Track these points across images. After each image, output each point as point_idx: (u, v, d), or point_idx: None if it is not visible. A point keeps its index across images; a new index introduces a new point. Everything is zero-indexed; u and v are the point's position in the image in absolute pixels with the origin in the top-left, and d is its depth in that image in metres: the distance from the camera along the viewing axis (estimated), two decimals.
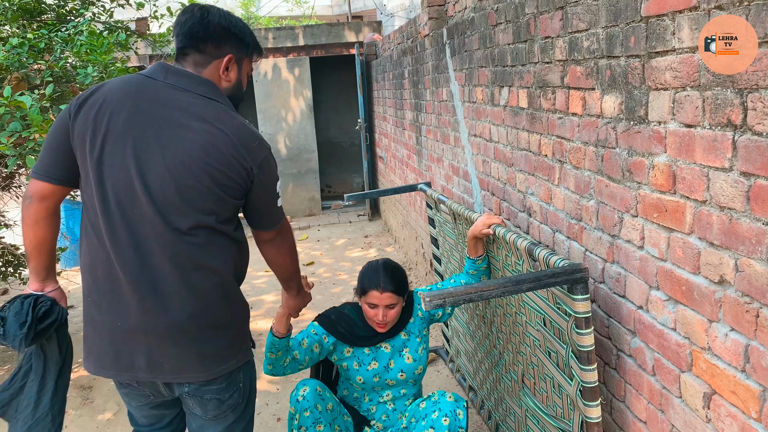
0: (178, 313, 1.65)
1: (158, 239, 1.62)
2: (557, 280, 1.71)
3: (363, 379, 2.40)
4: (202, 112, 1.65)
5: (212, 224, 1.66)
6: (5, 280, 4.34)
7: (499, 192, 2.74)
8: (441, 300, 1.70)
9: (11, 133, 2.32)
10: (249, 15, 15.58)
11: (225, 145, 1.63)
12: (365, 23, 8.41)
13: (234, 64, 1.76)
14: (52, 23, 3.74)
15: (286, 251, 1.95)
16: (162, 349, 1.68)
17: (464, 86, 3.18)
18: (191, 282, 1.66)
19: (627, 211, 1.70)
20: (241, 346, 1.82)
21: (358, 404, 2.47)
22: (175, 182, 1.60)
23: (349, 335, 2.38)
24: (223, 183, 1.65)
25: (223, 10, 1.78)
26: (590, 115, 1.85)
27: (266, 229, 1.85)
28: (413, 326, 2.46)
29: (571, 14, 1.91)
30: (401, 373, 2.40)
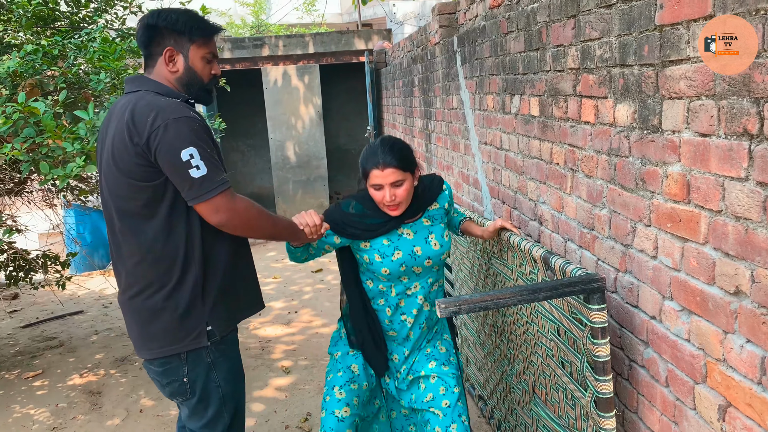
0: (123, 292, 1.87)
1: (112, 243, 1.85)
2: (574, 290, 1.70)
3: (389, 270, 2.20)
4: (123, 108, 1.74)
5: (133, 212, 1.75)
6: (16, 284, 4.36)
7: (509, 200, 2.73)
8: (456, 307, 1.69)
9: (25, 138, 2.33)
10: (259, 22, 15.66)
11: (121, 131, 1.69)
12: (375, 31, 8.43)
13: (176, 53, 1.82)
14: (65, 30, 3.78)
15: (240, 230, 1.79)
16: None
17: (475, 94, 3.18)
18: (129, 266, 1.82)
19: (640, 220, 1.69)
20: (180, 334, 1.82)
21: (385, 296, 2.25)
22: (107, 182, 1.78)
23: (361, 232, 2.19)
24: (125, 168, 1.70)
25: (161, 10, 1.84)
26: (603, 123, 1.84)
27: (192, 202, 1.70)
28: (436, 213, 2.27)
29: (584, 23, 1.90)
30: (428, 259, 2.20)
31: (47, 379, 4.01)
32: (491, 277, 2.59)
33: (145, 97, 1.72)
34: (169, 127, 1.64)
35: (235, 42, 8.22)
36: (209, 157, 1.69)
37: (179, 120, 1.65)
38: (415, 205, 2.21)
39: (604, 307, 1.72)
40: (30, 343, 4.78)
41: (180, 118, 1.66)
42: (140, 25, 1.83)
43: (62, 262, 4.36)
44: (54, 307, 5.75)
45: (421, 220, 2.23)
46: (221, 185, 1.70)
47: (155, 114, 1.65)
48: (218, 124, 4.08)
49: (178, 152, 1.64)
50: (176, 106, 1.70)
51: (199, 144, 1.66)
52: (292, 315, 5.05)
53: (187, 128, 1.66)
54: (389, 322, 2.27)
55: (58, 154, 2.36)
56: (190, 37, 1.82)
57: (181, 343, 1.83)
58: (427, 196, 2.25)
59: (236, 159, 10.28)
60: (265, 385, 3.72)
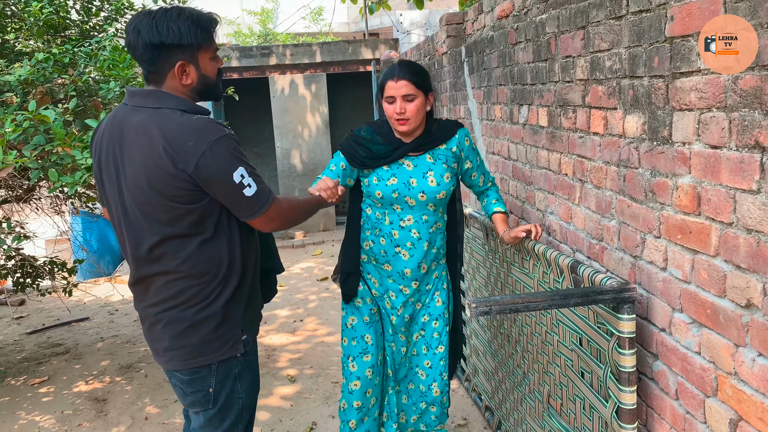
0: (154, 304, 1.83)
1: (134, 259, 1.79)
2: (605, 298, 1.69)
3: (381, 194, 2.31)
4: (146, 126, 1.67)
5: (176, 233, 1.72)
6: (23, 291, 4.38)
7: (517, 210, 2.72)
8: (487, 307, 1.69)
9: (35, 146, 2.35)
10: (267, 31, 15.74)
11: (158, 156, 1.63)
12: (382, 40, 8.47)
13: (189, 65, 1.73)
14: (75, 38, 3.80)
15: (285, 226, 1.90)
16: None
17: (482, 104, 3.18)
18: (162, 282, 1.78)
19: (650, 231, 1.68)
20: (216, 343, 1.82)
21: (380, 225, 2.36)
22: (136, 204, 1.71)
23: (369, 160, 2.31)
24: (168, 193, 1.66)
25: (154, 19, 1.69)
26: (612, 134, 1.84)
27: (245, 219, 1.76)
28: (442, 153, 2.34)
29: (593, 34, 1.91)
30: (422, 193, 2.28)
31: (53, 385, 4.01)
32: (509, 285, 2.57)
33: (173, 118, 1.66)
34: (214, 151, 1.63)
35: (242, 51, 8.26)
36: (253, 171, 1.71)
37: (219, 141, 1.64)
38: (422, 138, 2.31)
39: (633, 317, 1.71)
40: (36, 349, 4.79)
41: (220, 139, 1.64)
42: (138, 43, 1.69)
43: (69, 268, 4.37)
44: (60, 314, 5.76)
45: (425, 156, 2.33)
46: (270, 196, 1.75)
47: (195, 138, 1.62)
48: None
49: (230, 175, 1.65)
50: (210, 125, 1.67)
51: (242, 161, 1.68)
52: (297, 323, 5.04)
53: (229, 147, 1.65)
54: (384, 252, 2.38)
55: (67, 161, 2.37)
56: (198, 45, 1.73)
57: (218, 352, 1.82)
58: (437, 135, 2.34)
59: None
60: (270, 393, 3.71)
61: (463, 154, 2.37)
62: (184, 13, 1.71)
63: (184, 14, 1.71)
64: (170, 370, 1.87)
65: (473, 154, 2.41)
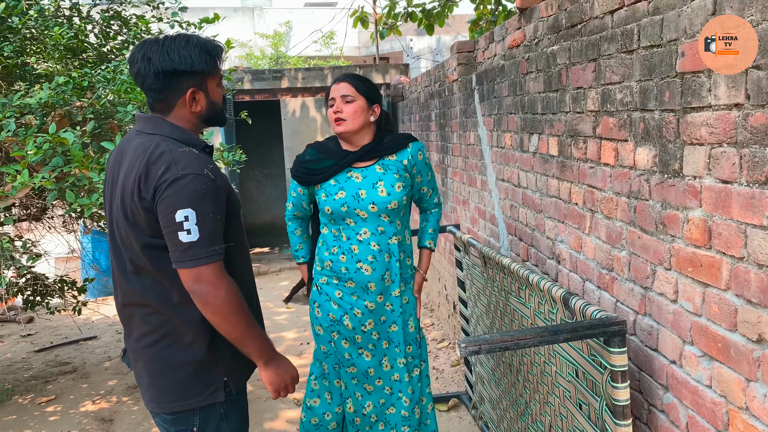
0: (137, 339, 1.77)
1: (119, 282, 1.76)
2: (594, 332, 1.69)
3: (330, 209, 2.32)
4: (137, 152, 1.65)
5: (147, 265, 1.66)
6: (33, 309, 4.40)
7: (527, 238, 2.74)
8: (477, 347, 1.69)
9: (53, 168, 2.39)
10: (279, 54, 15.94)
11: (133, 181, 1.60)
12: (392, 65, 8.56)
13: (198, 92, 1.71)
14: (93, 61, 3.88)
15: (212, 310, 1.62)
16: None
17: (492, 131, 3.21)
18: (144, 313, 1.72)
19: (660, 263, 1.69)
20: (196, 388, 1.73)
21: (338, 242, 2.36)
22: (117, 228, 1.69)
23: (315, 175, 2.36)
24: (134, 220, 1.62)
25: (164, 46, 1.66)
26: (623, 166, 1.86)
27: (175, 265, 1.60)
28: (392, 164, 2.37)
29: (605, 66, 1.94)
30: (372, 204, 2.30)
31: (60, 404, 4.01)
32: (508, 314, 2.58)
33: (159, 146, 1.62)
34: (176, 183, 1.56)
35: (255, 73, 8.37)
36: (207, 222, 1.58)
37: (189, 176, 1.57)
38: (370, 147, 2.37)
39: (624, 351, 1.71)
40: (44, 367, 4.80)
41: (190, 175, 1.57)
42: (149, 71, 1.65)
43: (79, 287, 4.40)
44: (68, 332, 5.78)
45: (374, 167, 2.37)
46: (210, 256, 1.59)
47: (167, 166, 1.57)
48: (238, 155, 4.14)
49: (174, 211, 1.55)
50: (192, 158, 1.61)
51: (200, 206, 1.57)
52: (304, 346, 5.03)
53: (194, 187, 1.57)
54: (345, 270, 2.39)
55: (84, 183, 2.41)
56: (207, 71, 1.72)
57: (197, 398, 1.72)
58: (387, 146, 2.39)
59: (252, 187, 10.37)
60: (276, 417, 3.69)
61: (415, 168, 2.42)
62: (192, 40, 1.70)
63: (192, 41, 1.70)
64: (150, 411, 1.81)
65: (425, 169, 2.47)
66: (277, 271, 8.13)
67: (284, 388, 1.83)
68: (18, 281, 4.21)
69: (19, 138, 2.42)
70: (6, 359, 5.07)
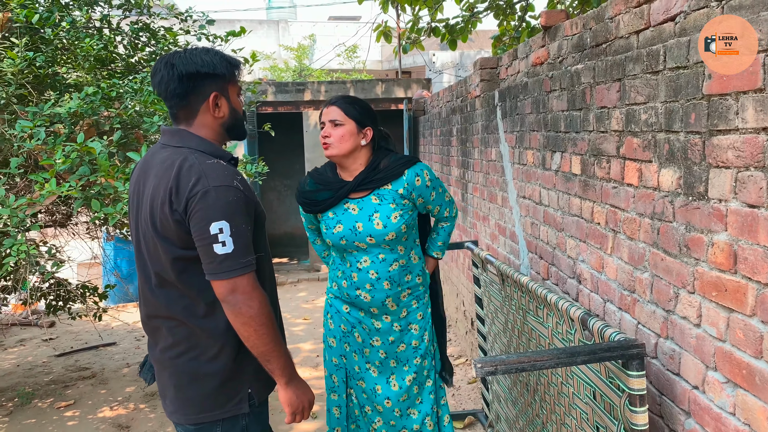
0: (163, 350, 1.78)
1: (144, 294, 1.77)
2: (612, 355, 1.67)
3: (331, 242, 2.35)
4: (165, 164, 1.66)
5: (174, 278, 1.67)
6: (55, 313, 4.47)
7: (547, 256, 2.72)
8: (493, 367, 1.68)
9: (80, 176, 2.43)
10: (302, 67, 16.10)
11: (164, 194, 1.61)
12: (415, 80, 8.59)
13: (221, 97, 1.73)
14: (121, 71, 3.95)
15: (243, 321, 1.62)
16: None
17: (514, 148, 3.20)
18: (172, 325, 1.73)
19: (683, 286, 1.67)
20: (220, 399, 1.73)
21: (342, 267, 2.39)
22: (145, 241, 1.71)
23: (314, 207, 2.38)
24: (164, 233, 1.63)
25: (186, 53, 1.70)
26: (647, 187, 1.85)
27: (209, 276, 1.62)
28: (388, 193, 2.31)
29: (629, 87, 1.93)
30: (369, 237, 2.29)
31: (78, 409, 4.05)
32: (526, 333, 2.56)
33: (189, 158, 1.64)
34: (208, 195, 1.57)
35: (278, 86, 8.46)
36: (240, 233, 1.61)
37: (220, 188, 1.59)
38: (363, 176, 2.32)
39: (643, 374, 1.69)
40: (64, 372, 4.86)
41: (221, 187, 1.59)
42: (173, 76, 1.67)
43: (100, 294, 4.46)
44: (88, 337, 5.84)
45: (370, 198, 2.33)
46: (245, 267, 1.61)
47: (197, 178, 1.59)
48: (261, 167, 4.18)
49: (209, 223, 1.57)
50: (221, 170, 1.63)
51: (233, 218, 1.59)
52: (320, 358, 5.03)
53: (225, 198, 1.59)
54: (347, 295, 2.40)
55: (109, 192, 2.45)
56: (228, 77, 1.74)
57: (222, 409, 1.73)
58: (381, 175, 2.32)
59: (272, 198, 10.45)
60: (291, 428, 3.69)
61: (414, 194, 2.33)
62: (213, 50, 1.75)
63: (213, 50, 1.75)
64: (174, 422, 1.82)
65: (428, 191, 2.35)
66: (295, 281, 8.16)
67: (301, 412, 1.81)
68: (42, 286, 4.28)
69: (48, 146, 2.47)
70: (27, 362, 5.14)
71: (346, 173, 2.37)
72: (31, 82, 3.00)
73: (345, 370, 2.49)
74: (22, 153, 2.65)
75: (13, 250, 2.30)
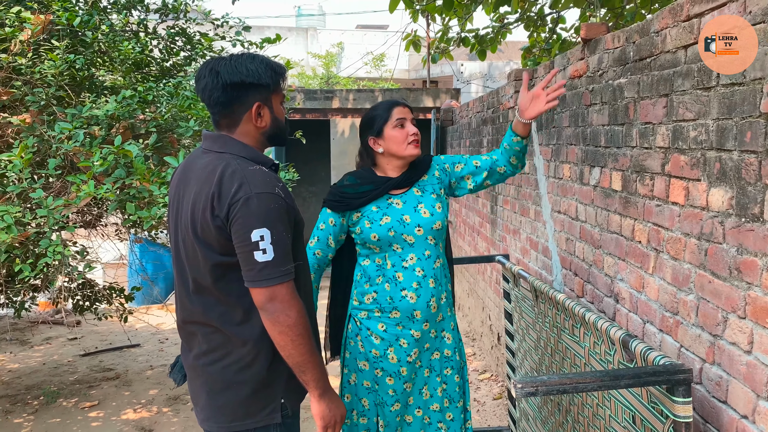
0: (197, 356, 1.77)
1: (181, 299, 1.77)
2: (658, 379, 1.61)
3: (378, 236, 2.26)
4: (207, 170, 1.66)
5: (212, 285, 1.66)
6: (82, 313, 4.51)
7: (583, 273, 2.66)
8: (534, 388, 1.63)
9: (116, 179, 2.44)
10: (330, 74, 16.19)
11: (205, 199, 1.60)
12: (443, 90, 8.57)
13: (264, 107, 1.72)
14: (156, 75, 3.99)
15: (280, 330, 1.60)
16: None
17: (550, 161, 3.15)
18: (207, 331, 1.73)
19: (733, 311, 1.60)
20: (253, 408, 1.71)
21: (382, 272, 2.30)
22: (184, 246, 1.70)
23: (353, 200, 2.31)
24: (205, 239, 1.62)
25: (231, 61, 1.70)
26: (693, 206, 1.79)
27: (249, 284, 1.61)
28: (427, 184, 2.38)
29: (677, 102, 1.87)
30: (418, 227, 2.28)
31: (102, 410, 4.07)
32: (560, 352, 2.50)
33: (230, 164, 1.64)
34: (250, 202, 1.56)
35: (307, 93, 8.51)
36: (281, 241, 1.59)
37: (262, 195, 1.58)
38: (406, 174, 2.35)
39: (689, 401, 1.62)
40: (88, 372, 4.89)
41: (263, 194, 1.58)
42: (217, 83, 1.67)
43: (126, 295, 4.49)
44: (112, 338, 5.89)
45: (412, 191, 2.36)
46: (284, 275, 1.60)
47: (239, 185, 1.58)
48: (291, 174, 4.18)
49: (250, 230, 1.56)
50: (263, 177, 1.63)
51: (274, 225, 1.58)
52: None
53: (267, 205, 1.58)
54: (390, 299, 2.30)
55: (144, 195, 2.46)
56: (273, 86, 1.74)
57: (254, 418, 1.71)
58: (419, 169, 2.39)
59: (297, 204, 10.48)
60: None
61: (448, 167, 2.43)
62: (258, 57, 1.74)
63: (258, 58, 1.74)
64: (205, 430, 1.79)
65: (455, 158, 2.46)
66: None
67: (333, 425, 1.77)
68: (70, 286, 4.32)
69: (86, 148, 2.49)
70: (53, 361, 5.19)
71: (391, 174, 2.38)
72: (69, 83, 3.03)
73: (376, 394, 2.39)
74: (60, 154, 2.67)
75: (49, 251, 2.32)
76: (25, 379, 4.69)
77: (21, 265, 2.43)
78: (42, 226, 2.44)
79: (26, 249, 2.60)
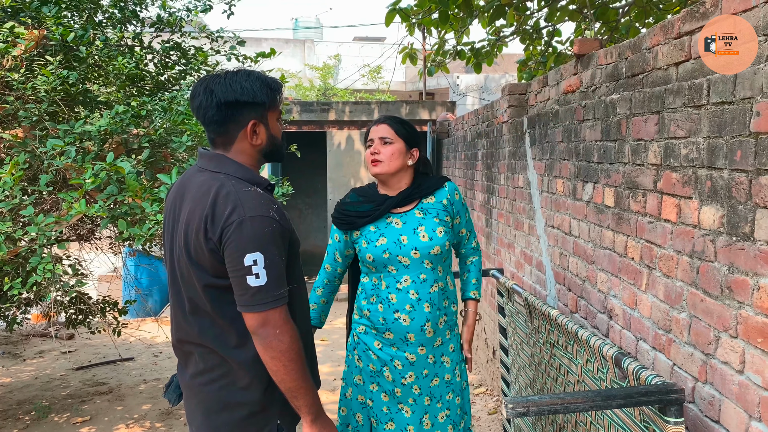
0: (193, 376, 1.76)
1: (177, 319, 1.76)
2: (650, 399, 1.60)
3: (372, 257, 2.25)
4: (201, 189, 1.65)
5: (206, 306, 1.65)
6: (75, 327, 4.47)
7: (576, 288, 2.65)
8: (525, 408, 1.62)
9: (108, 195, 2.43)
10: (327, 86, 16.23)
11: (199, 220, 1.59)
12: (439, 102, 8.60)
13: (259, 124, 1.71)
14: (150, 89, 3.99)
15: (272, 355, 1.58)
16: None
17: (543, 176, 3.15)
18: (203, 352, 1.71)
19: (725, 330, 1.60)
20: (249, 429, 1.70)
21: (376, 291, 2.28)
22: (179, 266, 1.69)
23: (353, 219, 2.31)
24: (198, 260, 1.61)
25: (226, 79, 1.68)
26: (685, 223, 1.78)
27: (241, 308, 1.59)
28: (432, 207, 2.32)
29: (669, 120, 1.88)
30: (414, 250, 2.23)
31: (94, 426, 4.03)
32: (553, 368, 2.49)
33: (226, 185, 1.62)
34: (243, 226, 1.55)
35: (304, 105, 8.52)
36: (274, 265, 1.57)
37: (255, 219, 1.56)
38: (408, 191, 2.32)
39: (682, 421, 1.61)
40: (81, 386, 4.85)
41: (257, 217, 1.56)
42: (211, 103, 1.65)
43: (120, 309, 4.46)
44: (106, 351, 5.85)
45: (413, 212, 2.32)
46: (277, 300, 1.58)
47: (232, 207, 1.56)
48: (286, 188, 4.18)
49: (243, 254, 1.54)
50: (258, 199, 1.61)
51: (268, 249, 1.56)
52: (338, 381, 4.97)
53: (260, 229, 1.56)
54: (383, 320, 2.27)
55: (136, 212, 2.45)
56: (268, 104, 1.72)
57: None
58: (424, 187, 2.35)
59: (293, 216, 10.48)
60: None
61: (454, 208, 2.38)
62: (254, 74, 1.72)
63: (254, 75, 1.72)
64: None
65: (463, 210, 2.42)
66: None
67: None
68: (63, 300, 4.29)
69: (78, 164, 2.48)
70: (45, 375, 5.15)
71: (389, 192, 2.36)
72: (62, 98, 3.03)
73: (370, 410, 2.36)
74: (52, 170, 2.66)
75: (39, 269, 2.30)
76: (16, 394, 4.65)
77: (11, 283, 2.41)
78: (33, 242, 2.42)
79: (17, 265, 2.58)
